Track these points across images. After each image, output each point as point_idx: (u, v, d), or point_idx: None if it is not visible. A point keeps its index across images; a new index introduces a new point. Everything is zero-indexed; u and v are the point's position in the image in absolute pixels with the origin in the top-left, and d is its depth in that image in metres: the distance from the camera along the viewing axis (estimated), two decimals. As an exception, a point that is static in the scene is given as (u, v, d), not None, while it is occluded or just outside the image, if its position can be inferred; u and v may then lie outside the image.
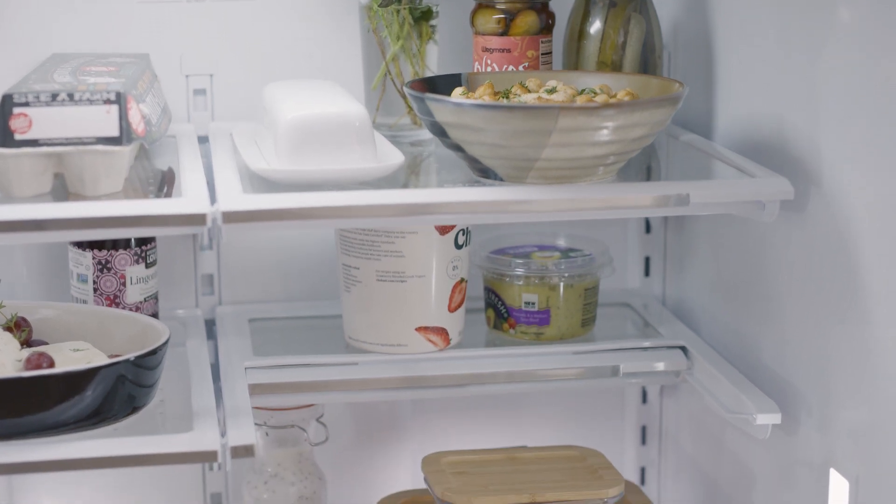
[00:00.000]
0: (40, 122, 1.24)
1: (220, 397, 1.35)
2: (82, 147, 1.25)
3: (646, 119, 1.28)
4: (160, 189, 1.35)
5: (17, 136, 1.24)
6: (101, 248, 1.47)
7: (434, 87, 1.39)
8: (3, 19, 1.56)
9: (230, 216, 1.24)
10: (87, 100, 1.25)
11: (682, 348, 1.54)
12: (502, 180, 1.32)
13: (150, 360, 1.28)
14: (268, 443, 1.58)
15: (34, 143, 1.24)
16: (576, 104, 1.26)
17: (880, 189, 1.22)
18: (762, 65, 1.43)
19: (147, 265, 1.50)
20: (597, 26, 1.51)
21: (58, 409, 1.23)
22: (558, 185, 1.31)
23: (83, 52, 1.54)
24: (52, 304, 1.43)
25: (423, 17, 1.51)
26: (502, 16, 1.50)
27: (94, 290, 1.48)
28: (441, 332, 1.50)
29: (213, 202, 1.26)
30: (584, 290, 1.54)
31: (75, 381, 1.23)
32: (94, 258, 1.48)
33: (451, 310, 1.50)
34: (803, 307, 1.37)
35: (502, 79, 1.45)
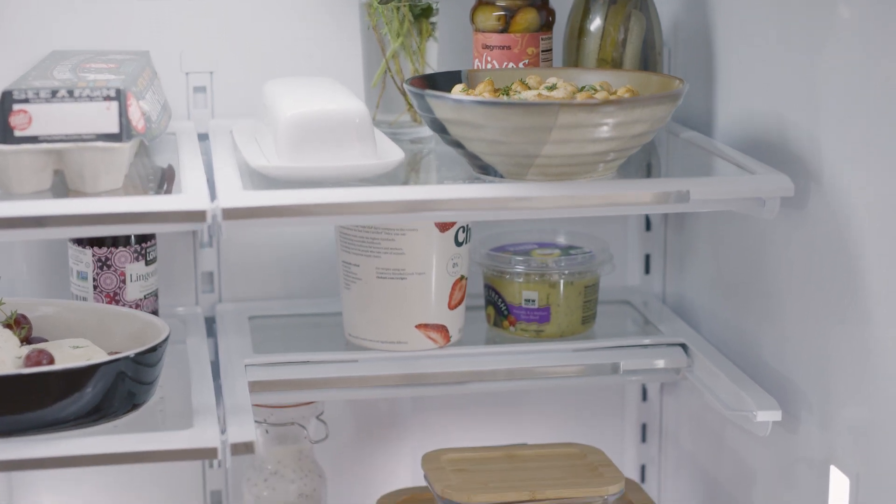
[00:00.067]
0: (40, 118, 1.24)
1: (219, 395, 1.35)
2: (82, 144, 1.25)
3: (646, 116, 1.28)
4: (160, 186, 1.35)
5: (17, 133, 1.24)
6: (101, 245, 1.47)
7: (434, 84, 1.39)
8: (4, 17, 1.56)
9: (230, 213, 1.24)
10: (87, 96, 1.25)
11: (683, 346, 1.54)
12: (502, 177, 1.32)
13: (150, 357, 1.28)
14: (268, 440, 1.58)
15: (34, 139, 1.24)
16: (576, 101, 1.26)
17: (881, 186, 1.22)
18: (762, 62, 1.42)
19: (147, 262, 1.50)
20: (597, 23, 1.51)
21: (58, 406, 1.22)
22: (558, 181, 1.31)
23: (83, 49, 1.54)
24: (52, 301, 1.43)
25: (423, 15, 1.51)
26: (502, 13, 1.50)
27: (94, 287, 1.48)
28: (441, 329, 1.50)
29: (213, 199, 1.26)
30: (585, 287, 1.54)
31: (75, 377, 1.23)
32: (93, 255, 1.47)
33: (452, 307, 1.50)
34: (804, 304, 1.36)
35: (502, 76, 1.44)
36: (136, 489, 1.69)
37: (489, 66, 1.50)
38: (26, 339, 1.36)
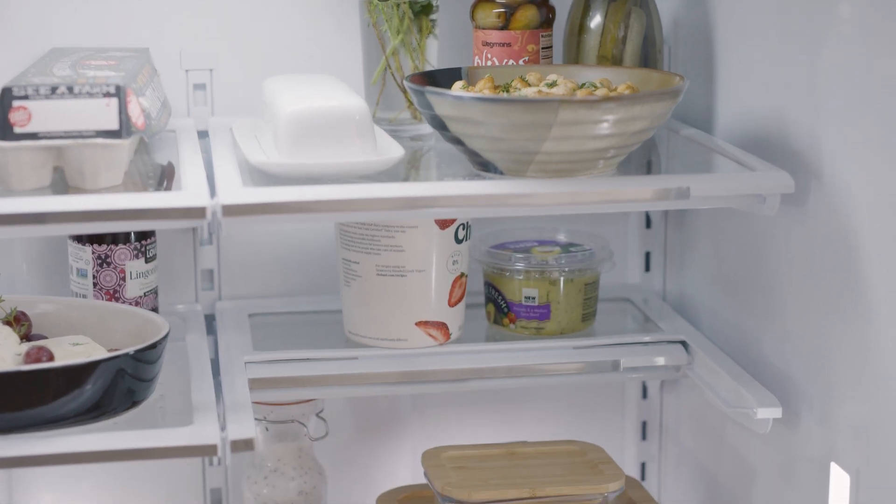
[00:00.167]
0: (40, 115, 1.24)
1: (219, 392, 1.34)
2: (82, 140, 1.25)
3: (646, 112, 1.28)
4: (160, 183, 1.35)
5: (17, 130, 1.24)
6: (100, 242, 1.47)
7: (434, 82, 1.39)
8: (4, 15, 1.56)
9: (230, 209, 1.24)
10: (87, 93, 1.25)
11: (683, 343, 1.54)
12: (502, 174, 1.32)
13: (150, 354, 1.28)
14: (267, 438, 1.58)
15: (34, 136, 1.24)
16: (576, 97, 1.26)
17: (881, 182, 1.22)
18: (763, 59, 1.42)
19: (147, 260, 1.49)
20: (597, 20, 1.51)
21: (57, 403, 1.22)
22: (558, 178, 1.30)
23: (83, 46, 1.54)
24: (52, 298, 1.43)
25: (423, 12, 1.51)
26: (502, 10, 1.50)
27: (94, 284, 1.48)
28: (441, 326, 1.50)
29: (213, 195, 1.26)
30: (585, 284, 1.54)
31: (75, 374, 1.22)
32: (93, 253, 1.47)
33: (451, 304, 1.50)
34: (804, 301, 1.36)
35: (502, 73, 1.44)
36: (136, 487, 1.68)
37: (489, 63, 1.50)
38: (26, 337, 1.36)
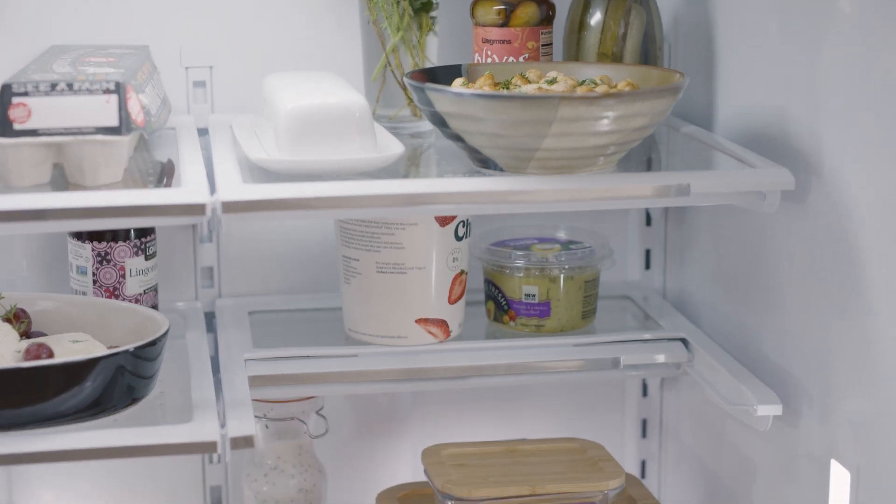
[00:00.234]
0: (39, 111, 1.24)
1: (219, 389, 1.34)
2: (81, 137, 1.25)
3: (646, 109, 1.28)
4: (160, 180, 1.34)
5: (17, 126, 1.24)
6: (100, 239, 1.47)
7: (434, 78, 1.39)
8: (4, 12, 1.55)
9: (230, 206, 1.24)
10: (87, 89, 1.24)
11: (683, 340, 1.53)
12: (502, 170, 1.32)
13: (150, 352, 1.27)
14: (267, 435, 1.58)
15: (33, 132, 1.24)
16: (576, 94, 1.26)
17: (881, 179, 1.22)
18: (763, 56, 1.42)
19: (146, 257, 1.49)
20: (597, 18, 1.51)
21: (57, 400, 1.22)
22: (559, 175, 1.30)
23: (83, 44, 1.54)
24: (52, 295, 1.43)
25: (423, 9, 1.51)
26: (502, 7, 1.49)
27: (94, 282, 1.48)
28: (441, 323, 1.49)
29: (213, 192, 1.26)
30: (585, 282, 1.54)
31: (75, 371, 1.22)
32: (93, 250, 1.47)
33: (452, 302, 1.50)
34: (804, 298, 1.36)
35: (502, 70, 1.44)
36: (136, 486, 1.68)
37: (489, 60, 1.50)
38: (26, 334, 1.36)
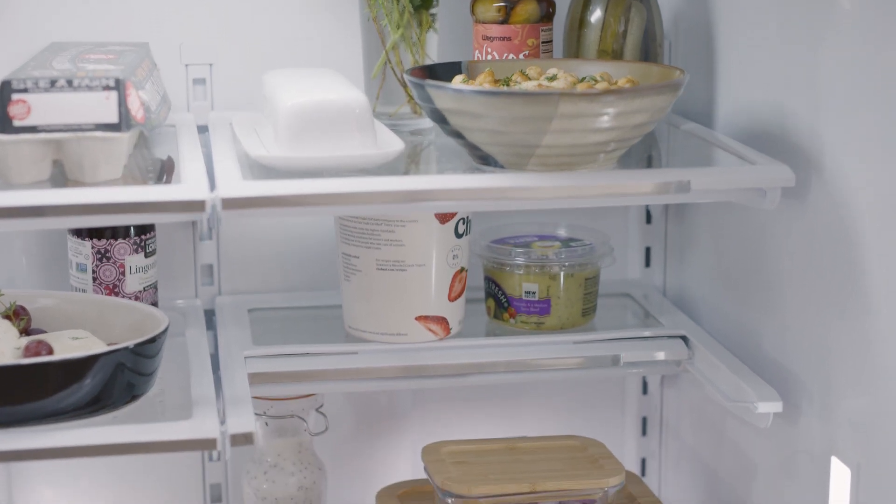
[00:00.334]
0: (39, 108, 1.24)
1: (219, 386, 1.34)
2: (81, 133, 1.25)
3: (647, 106, 1.28)
4: (159, 177, 1.34)
5: (16, 123, 1.24)
6: (100, 237, 1.47)
7: (434, 75, 1.39)
8: (4, 9, 1.55)
9: (229, 202, 1.24)
10: (86, 86, 1.24)
11: (683, 338, 1.53)
12: (503, 167, 1.32)
13: (150, 348, 1.27)
14: (267, 433, 1.58)
15: (33, 129, 1.24)
16: (577, 90, 1.26)
17: (882, 176, 1.22)
18: (763, 53, 1.42)
19: (146, 255, 1.49)
20: (597, 15, 1.51)
21: (57, 397, 1.22)
22: (559, 171, 1.30)
23: (83, 40, 1.54)
24: (51, 292, 1.43)
25: (423, 6, 1.50)
26: (503, 4, 1.49)
27: (94, 279, 1.48)
28: (441, 321, 1.49)
29: (213, 189, 1.25)
30: (585, 279, 1.54)
31: (74, 368, 1.22)
32: (93, 247, 1.47)
33: (452, 299, 1.50)
34: (804, 295, 1.36)
35: (503, 67, 1.44)
36: (135, 483, 1.68)
37: (489, 57, 1.50)
38: (25, 331, 1.35)
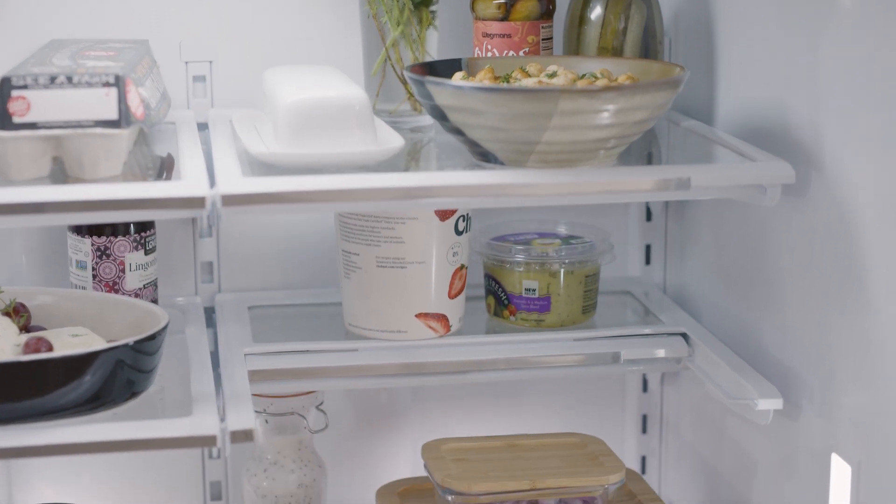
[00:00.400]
0: (39, 104, 1.24)
1: (219, 384, 1.34)
2: (81, 130, 1.25)
3: (647, 102, 1.28)
4: (159, 174, 1.34)
5: (16, 119, 1.24)
6: (100, 234, 1.47)
7: (434, 72, 1.38)
8: (4, 6, 1.55)
9: (229, 199, 1.24)
10: (86, 83, 1.24)
11: (683, 335, 1.53)
12: (503, 164, 1.32)
13: (149, 345, 1.27)
14: (267, 430, 1.58)
15: (33, 126, 1.24)
16: (577, 87, 1.26)
17: (882, 173, 1.22)
18: (763, 50, 1.42)
19: (146, 252, 1.49)
20: (597, 12, 1.51)
21: (57, 394, 1.22)
22: (559, 168, 1.30)
23: (82, 38, 1.54)
24: (51, 290, 1.43)
25: (423, 3, 1.50)
26: (503, 1, 1.49)
27: (94, 276, 1.48)
28: (441, 318, 1.49)
29: (213, 186, 1.25)
30: (585, 276, 1.54)
31: (74, 365, 1.22)
32: (93, 245, 1.47)
33: (452, 296, 1.50)
34: (805, 292, 1.36)
35: (503, 64, 1.44)
36: (135, 481, 1.68)
37: (489, 54, 1.50)
38: (25, 328, 1.35)
